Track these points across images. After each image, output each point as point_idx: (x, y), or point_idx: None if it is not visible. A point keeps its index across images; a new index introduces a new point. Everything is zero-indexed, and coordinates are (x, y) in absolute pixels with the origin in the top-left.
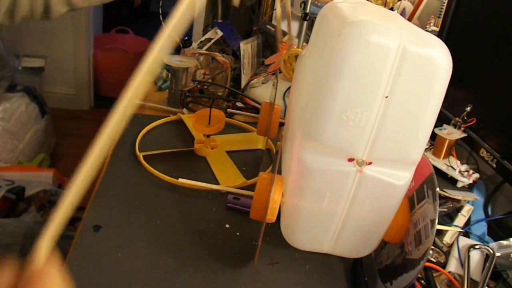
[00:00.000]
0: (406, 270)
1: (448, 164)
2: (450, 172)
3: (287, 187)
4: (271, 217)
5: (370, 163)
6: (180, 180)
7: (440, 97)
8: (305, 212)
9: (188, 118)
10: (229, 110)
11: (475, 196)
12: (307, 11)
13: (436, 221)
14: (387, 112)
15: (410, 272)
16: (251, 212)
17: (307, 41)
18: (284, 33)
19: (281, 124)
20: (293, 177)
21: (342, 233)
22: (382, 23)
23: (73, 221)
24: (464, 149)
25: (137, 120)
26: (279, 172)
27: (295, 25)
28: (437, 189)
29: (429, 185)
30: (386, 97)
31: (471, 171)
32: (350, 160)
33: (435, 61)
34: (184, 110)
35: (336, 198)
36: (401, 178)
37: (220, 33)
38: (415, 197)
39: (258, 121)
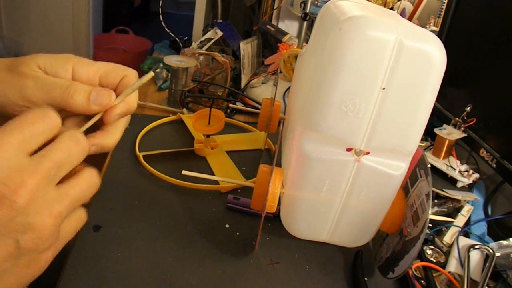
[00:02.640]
0: (407, 251)
1: (448, 164)
2: (450, 172)
3: (287, 177)
4: (271, 203)
5: (367, 153)
6: (184, 172)
7: (434, 89)
8: (304, 201)
9: (188, 118)
10: (231, 105)
11: (475, 196)
12: (307, 11)
13: (431, 193)
14: (384, 103)
15: (410, 251)
16: (251, 203)
17: (307, 41)
18: (284, 33)
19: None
20: (293, 167)
21: (340, 222)
22: (381, 18)
23: None
24: (464, 149)
25: (137, 120)
26: (279, 166)
27: (295, 25)
28: (429, 165)
29: (421, 166)
30: (383, 88)
31: (471, 171)
32: (349, 149)
33: (430, 55)
34: (184, 110)
35: (335, 187)
36: (398, 168)
37: (220, 33)
38: (408, 183)
39: (259, 116)
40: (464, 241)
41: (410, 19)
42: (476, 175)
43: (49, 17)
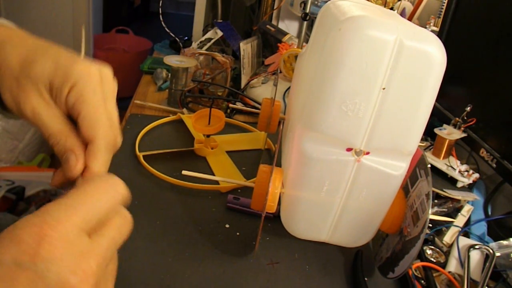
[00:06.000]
0: (407, 251)
1: (448, 164)
2: (450, 172)
3: (287, 177)
4: (271, 203)
5: (367, 153)
6: (184, 172)
7: (434, 90)
8: (305, 201)
9: (188, 118)
10: (231, 105)
11: (475, 196)
12: (307, 11)
13: (431, 194)
14: (384, 103)
15: (410, 251)
16: (251, 203)
17: (307, 41)
18: (284, 33)
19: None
20: (293, 167)
21: (340, 222)
22: (381, 18)
23: None
24: (464, 149)
25: (137, 120)
26: (279, 166)
27: (295, 25)
28: (429, 165)
29: (420, 165)
30: (383, 88)
31: (471, 171)
32: (349, 149)
33: (430, 55)
34: (184, 110)
35: (335, 187)
36: (398, 168)
37: (220, 33)
38: (409, 183)
39: (259, 116)
40: (464, 241)
41: (410, 19)
42: (476, 175)
43: (49, 17)
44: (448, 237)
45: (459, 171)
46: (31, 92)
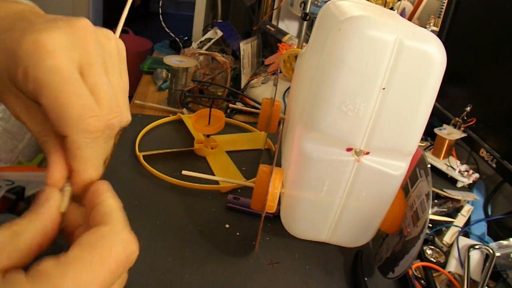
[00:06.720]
0: (407, 251)
1: (448, 164)
2: (450, 172)
3: (287, 177)
4: (271, 203)
5: (367, 153)
6: (184, 172)
7: (434, 90)
8: (305, 201)
9: (188, 118)
10: (231, 105)
11: (475, 196)
12: (307, 11)
13: (431, 193)
14: (384, 103)
15: (410, 251)
16: (251, 203)
17: (307, 41)
18: (284, 33)
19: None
20: (293, 167)
21: (340, 222)
22: (381, 18)
23: None
24: (464, 149)
25: (137, 120)
26: (279, 166)
27: (295, 25)
28: (429, 165)
29: (420, 165)
30: (383, 88)
31: (471, 171)
32: (349, 149)
33: (430, 56)
34: (184, 110)
35: (335, 187)
36: (398, 168)
37: (220, 33)
38: (409, 183)
39: (259, 116)
40: (464, 241)
41: (410, 19)
42: (476, 175)
43: None
44: (448, 237)
45: (459, 171)
46: (5, 93)
